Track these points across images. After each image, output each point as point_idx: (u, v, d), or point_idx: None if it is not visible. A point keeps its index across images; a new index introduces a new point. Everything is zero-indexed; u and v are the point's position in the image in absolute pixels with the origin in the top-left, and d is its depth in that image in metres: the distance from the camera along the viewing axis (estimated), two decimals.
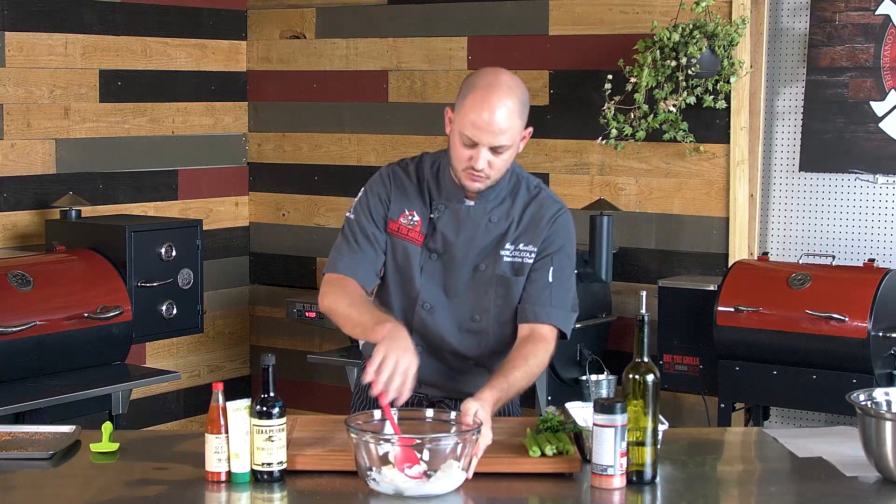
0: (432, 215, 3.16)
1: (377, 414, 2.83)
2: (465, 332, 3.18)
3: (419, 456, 2.67)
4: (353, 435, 2.69)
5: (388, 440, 2.69)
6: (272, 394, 2.75)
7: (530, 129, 3.11)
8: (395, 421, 2.80)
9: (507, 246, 3.15)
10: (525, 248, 3.15)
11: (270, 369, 2.76)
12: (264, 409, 2.74)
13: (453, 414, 2.86)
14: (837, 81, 4.99)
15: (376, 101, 5.98)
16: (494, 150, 3.02)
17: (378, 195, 3.19)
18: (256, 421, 2.74)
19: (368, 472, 2.68)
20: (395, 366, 2.80)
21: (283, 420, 2.75)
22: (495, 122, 2.98)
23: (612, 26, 5.34)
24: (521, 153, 3.13)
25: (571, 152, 5.46)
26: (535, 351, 3.07)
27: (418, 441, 2.68)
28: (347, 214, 3.23)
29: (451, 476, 2.67)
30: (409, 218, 3.17)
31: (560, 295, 3.15)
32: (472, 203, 3.15)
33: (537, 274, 3.14)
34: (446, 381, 3.20)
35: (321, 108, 6.14)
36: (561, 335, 3.17)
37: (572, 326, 3.20)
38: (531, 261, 3.15)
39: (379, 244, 3.17)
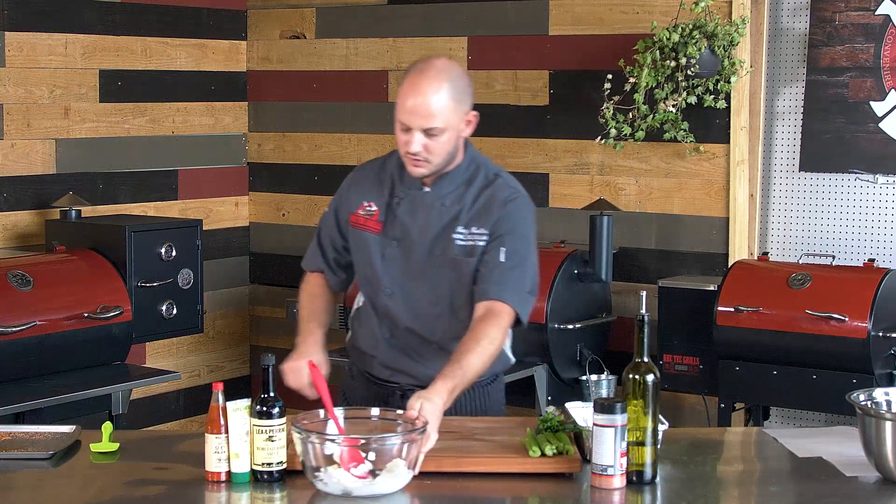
0: (392, 203, 3.22)
1: (322, 413, 2.85)
2: (426, 315, 3.21)
3: (364, 455, 2.67)
4: (298, 435, 2.70)
5: (333, 440, 2.70)
6: (272, 394, 2.76)
7: (475, 114, 3.16)
8: (340, 420, 2.82)
9: (460, 230, 3.17)
10: (477, 231, 3.17)
11: (270, 369, 2.77)
12: (264, 409, 2.74)
13: (399, 412, 2.87)
14: (837, 81, 4.99)
15: (376, 101, 5.97)
16: (428, 133, 3.07)
17: (341, 194, 3.35)
18: (256, 421, 2.74)
19: (316, 473, 2.68)
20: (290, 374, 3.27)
21: (283, 420, 2.76)
22: (425, 105, 3.04)
23: (612, 26, 5.34)
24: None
25: (571, 152, 5.46)
26: (487, 330, 3.06)
27: (363, 441, 2.69)
28: (325, 210, 3.39)
29: (399, 475, 2.68)
30: (367, 209, 3.26)
31: (514, 276, 3.14)
32: (428, 189, 3.20)
33: (489, 255, 3.15)
34: (414, 366, 3.24)
35: (321, 108, 6.14)
36: (517, 321, 3.15)
37: (530, 310, 3.18)
38: (483, 243, 3.16)
39: (337, 243, 3.34)
